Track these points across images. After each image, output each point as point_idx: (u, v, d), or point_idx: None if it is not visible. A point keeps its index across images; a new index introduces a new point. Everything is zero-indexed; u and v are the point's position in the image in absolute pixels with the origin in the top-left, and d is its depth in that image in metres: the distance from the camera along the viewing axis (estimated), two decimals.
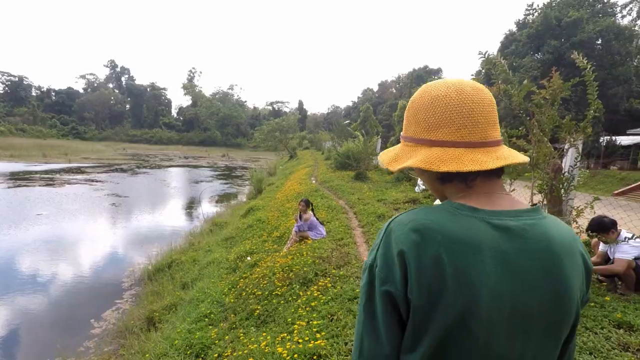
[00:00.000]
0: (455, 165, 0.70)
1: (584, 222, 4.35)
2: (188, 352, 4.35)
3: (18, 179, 24.19)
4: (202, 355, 4.22)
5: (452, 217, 0.70)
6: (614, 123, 29.07)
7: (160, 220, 15.44)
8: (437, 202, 1.42)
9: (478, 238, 0.67)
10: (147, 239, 12.18)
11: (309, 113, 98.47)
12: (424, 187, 10.71)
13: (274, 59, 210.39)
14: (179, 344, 4.59)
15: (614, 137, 29.46)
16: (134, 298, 7.90)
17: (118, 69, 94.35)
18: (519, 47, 32.96)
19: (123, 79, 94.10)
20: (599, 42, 29.26)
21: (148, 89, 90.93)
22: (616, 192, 20.78)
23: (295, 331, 3.49)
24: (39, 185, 21.58)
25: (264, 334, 3.78)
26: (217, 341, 4.29)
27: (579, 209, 3.73)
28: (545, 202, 4.12)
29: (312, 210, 6.89)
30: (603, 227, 3.74)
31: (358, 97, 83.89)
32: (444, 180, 0.78)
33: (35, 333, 6.54)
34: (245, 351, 3.55)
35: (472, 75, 50.12)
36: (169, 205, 18.84)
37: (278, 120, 48.55)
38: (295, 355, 3.01)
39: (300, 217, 6.81)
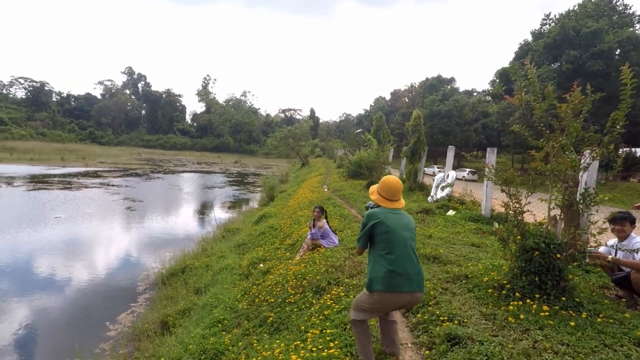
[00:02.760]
0: (383, 203, 2.98)
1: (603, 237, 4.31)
2: (202, 357, 4.41)
3: (38, 182, 24.87)
4: None
5: (382, 210, 2.93)
6: (633, 135, 28.46)
7: (174, 225, 15.67)
8: (450, 212, 8.53)
9: (386, 213, 2.89)
10: (161, 243, 12.37)
11: (321, 121, 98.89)
12: (439, 197, 10.66)
13: (287, 66, 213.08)
14: (193, 349, 4.66)
15: (633, 149, 28.81)
16: (148, 302, 8.02)
17: (135, 76, 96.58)
18: (535, 57, 32.63)
19: (139, 85, 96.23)
20: (618, 52, 28.80)
21: (163, 95, 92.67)
22: (636, 204, 20.28)
23: (309, 339, 3.51)
24: (57, 189, 22.13)
25: (278, 341, 3.82)
26: (230, 347, 4.34)
27: (601, 227, 3.70)
28: (562, 216, 4.08)
29: (326, 217, 6.92)
30: (632, 219, 3.80)
31: (370, 106, 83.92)
32: (382, 203, 2.99)
33: (54, 333, 6.70)
34: (259, 358, 3.59)
35: (489, 84, 49.72)
36: (182, 210, 19.09)
37: (291, 127, 48.91)
38: None
39: (314, 225, 6.84)
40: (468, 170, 34.45)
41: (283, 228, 9.93)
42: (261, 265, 7.49)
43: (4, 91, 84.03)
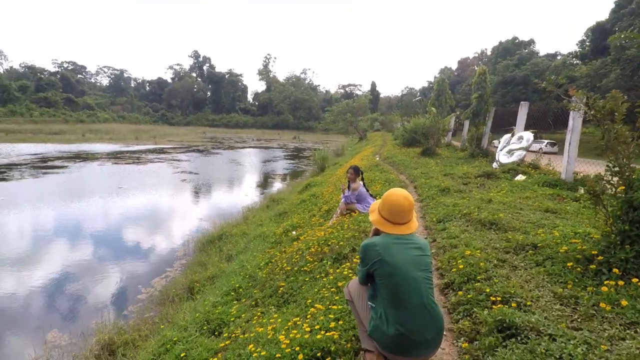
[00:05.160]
0: (384, 228, 2.02)
1: None
2: (205, 328, 3.87)
3: (112, 157, 27.02)
4: (217, 332, 3.71)
5: (383, 239, 1.99)
6: None
7: (222, 195, 15.86)
8: (519, 177, 6.74)
9: (389, 244, 1.95)
10: (207, 211, 12.40)
11: (382, 95, 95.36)
12: (505, 162, 9.07)
13: (348, 41, 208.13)
14: (199, 318, 4.15)
15: None
16: (182, 267, 7.86)
17: (200, 59, 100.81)
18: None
19: (205, 67, 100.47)
20: None
21: (226, 76, 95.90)
22: None
23: (310, 316, 2.72)
24: (127, 163, 23.76)
25: (276, 315, 3.09)
26: (233, 319, 3.73)
27: None
28: None
29: (362, 180, 5.99)
30: None
31: (435, 77, 78.57)
32: (384, 228, 2.04)
33: (92, 291, 6.78)
34: (252, 334, 2.90)
35: (577, 44, 43.16)
36: (233, 182, 19.28)
37: (348, 101, 47.42)
38: (297, 348, 2.25)
39: (349, 187, 5.96)
40: (547, 141, 30.37)
41: (324, 195, 9.18)
42: (293, 232, 6.85)
43: (92, 80, 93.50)
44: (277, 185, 17.23)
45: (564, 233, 3.29)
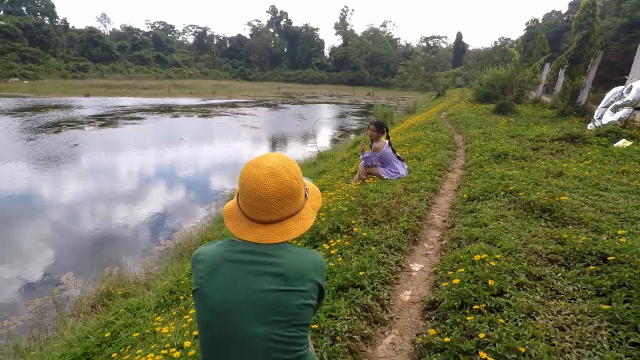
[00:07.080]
0: (234, 227, 1.03)
1: None
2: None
3: (185, 110, 28.41)
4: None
5: (220, 249, 1.02)
6: None
7: (274, 150, 15.48)
8: (621, 142, 4.94)
9: (222, 262, 0.98)
10: None
11: (470, 48, 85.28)
12: (606, 122, 6.90)
13: None
14: (122, 313, 3.51)
15: None
16: (209, 222, 7.60)
17: (278, 14, 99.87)
18: None
19: (282, 23, 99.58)
20: None
21: (302, 31, 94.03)
22: None
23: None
24: (196, 116, 24.71)
25: (139, 351, 2.32)
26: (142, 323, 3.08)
27: None
28: None
29: (388, 138, 4.78)
30: None
31: (530, 20, 67.07)
32: (233, 227, 1.06)
33: (118, 236, 6.87)
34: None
35: None
36: (289, 137, 18.83)
37: (426, 53, 43.10)
38: None
39: (371, 147, 4.82)
40: None
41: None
42: None
43: (180, 38, 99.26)
44: (332, 142, 16.34)
45: None
